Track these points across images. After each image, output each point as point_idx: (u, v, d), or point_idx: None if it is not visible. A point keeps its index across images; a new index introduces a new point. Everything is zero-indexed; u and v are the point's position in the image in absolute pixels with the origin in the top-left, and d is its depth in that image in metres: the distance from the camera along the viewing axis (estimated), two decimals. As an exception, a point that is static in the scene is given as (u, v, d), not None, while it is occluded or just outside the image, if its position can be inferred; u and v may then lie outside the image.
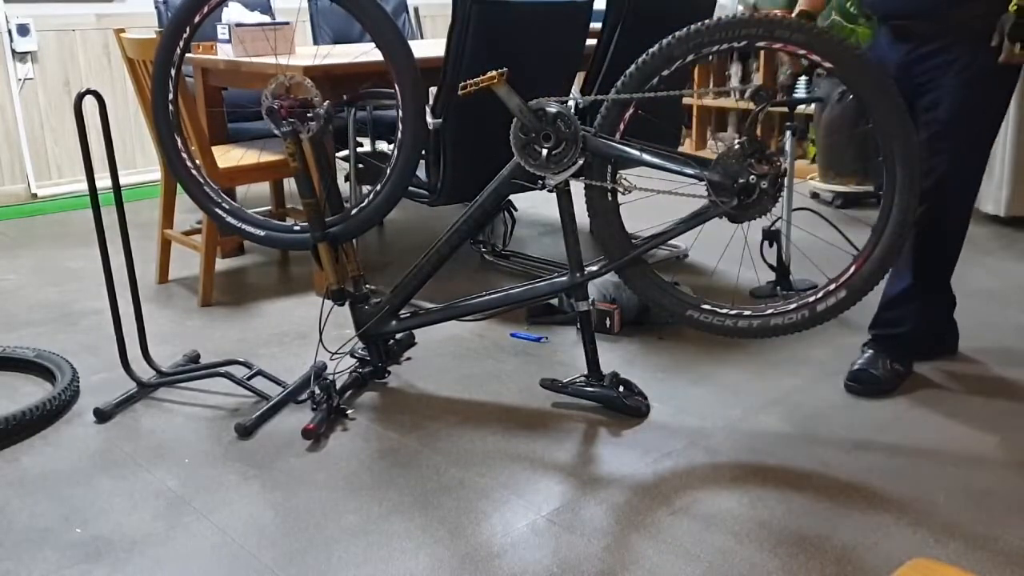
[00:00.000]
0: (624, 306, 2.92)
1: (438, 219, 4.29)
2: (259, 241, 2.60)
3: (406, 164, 2.43)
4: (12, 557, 1.85)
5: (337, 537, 1.89)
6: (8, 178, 4.76)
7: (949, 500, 1.99)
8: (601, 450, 2.24)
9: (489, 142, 2.53)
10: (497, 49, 2.85)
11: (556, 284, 2.43)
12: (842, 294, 2.14)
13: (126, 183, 4.30)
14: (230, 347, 2.87)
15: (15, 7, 4.63)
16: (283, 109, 2.40)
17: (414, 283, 2.49)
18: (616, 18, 3.18)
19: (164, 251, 3.49)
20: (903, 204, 2.06)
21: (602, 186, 2.25)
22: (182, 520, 1.96)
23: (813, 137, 5.03)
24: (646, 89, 2.15)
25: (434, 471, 2.14)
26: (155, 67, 2.55)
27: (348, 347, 2.65)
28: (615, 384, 2.42)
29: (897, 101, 2.00)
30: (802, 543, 1.84)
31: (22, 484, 2.12)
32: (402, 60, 2.36)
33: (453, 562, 1.80)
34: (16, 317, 3.19)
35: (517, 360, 2.75)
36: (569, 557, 1.81)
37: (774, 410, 2.41)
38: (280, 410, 2.44)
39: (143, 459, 2.22)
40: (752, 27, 2.02)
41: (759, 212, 2.14)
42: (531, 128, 2.26)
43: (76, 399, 2.52)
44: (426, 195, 3.11)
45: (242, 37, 3.30)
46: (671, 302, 2.28)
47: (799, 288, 3.14)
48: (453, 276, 3.37)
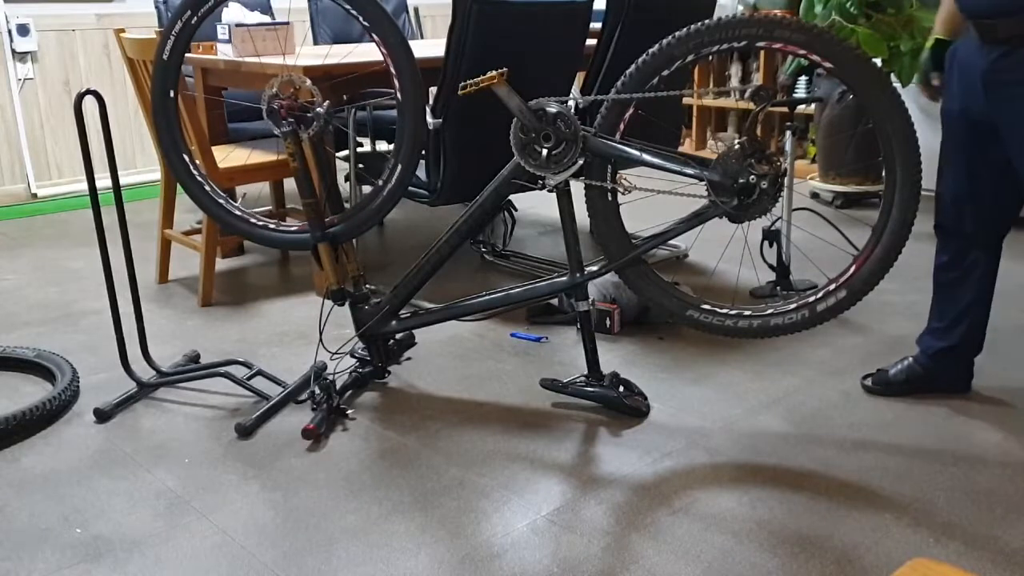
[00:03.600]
0: (624, 306, 2.92)
1: (438, 219, 4.29)
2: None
3: (406, 164, 2.43)
4: (12, 557, 1.85)
5: (337, 537, 1.89)
6: (8, 178, 4.77)
7: (949, 500, 1.98)
8: (601, 450, 2.24)
9: (489, 142, 2.53)
10: (497, 49, 2.85)
11: (556, 284, 2.43)
12: (842, 294, 2.14)
13: (126, 183, 4.31)
14: (230, 347, 2.87)
15: (15, 7, 4.63)
16: (283, 109, 2.40)
17: (414, 283, 2.49)
18: (616, 18, 3.18)
19: (164, 251, 3.50)
20: (903, 203, 2.05)
21: (602, 186, 2.25)
22: (182, 520, 1.96)
23: (813, 137, 5.03)
24: (646, 89, 2.15)
25: (434, 471, 2.14)
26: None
27: (348, 347, 2.65)
28: (615, 384, 2.42)
29: (897, 100, 2.00)
30: (802, 543, 1.84)
31: (22, 484, 2.12)
32: (402, 60, 2.36)
33: (453, 562, 1.80)
34: (16, 317, 3.19)
35: (517, 360, 2.75)
36: (569, 557, 1.81)
37: (774, 410, 2.41)
38: (280, 410, 2.44)
39: (143, 459, 2.22)
40: (752, 27, 2.02)
41: (759, 212, 2.14)
42: (531, 128, 2.26)
43: (76, 399, 2.52)
44: (426, 195, 3.11)
45: (242, 37, 3.31)
46: (671, 302, 2.28)
47: (799, 288, 3.14)
48: (453, 276, 3.37)
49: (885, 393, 2.47)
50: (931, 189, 2.29)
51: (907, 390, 2.45)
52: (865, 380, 2.52)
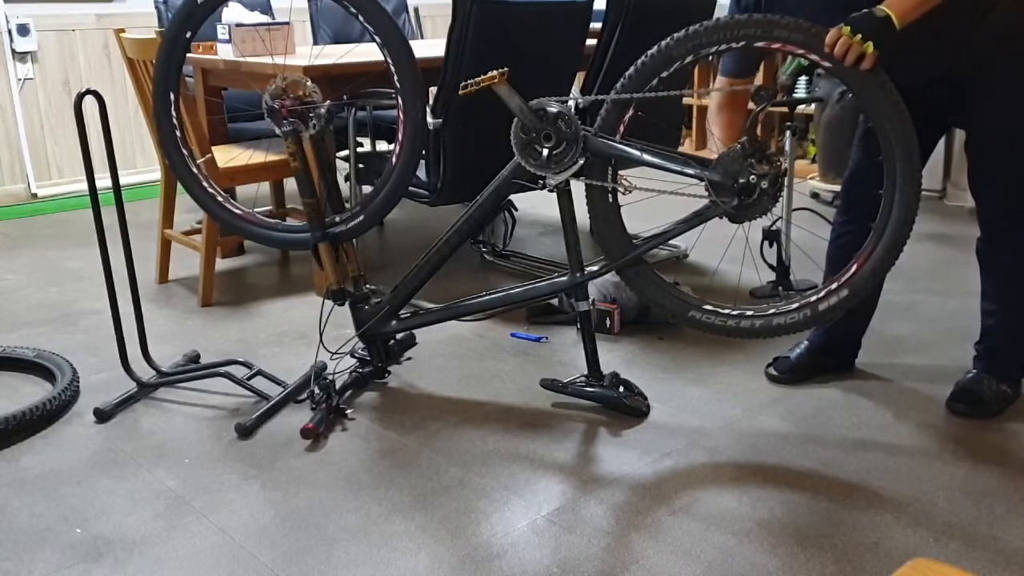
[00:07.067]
0: (624, 306, 2.92)
1: (438, 219, 4.29)
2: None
3: (406, 164, 2.43)
4: (12, 557, 1.85)
5: (337, 537, 1.89)
6: (8, 178, 4.77)
7: (949, 500, 1.98)
8: (601, 450, 2.24)
9: (489, 142, 2.53)
10: (497, 49, 2.85)
11: (556, 284, 2.43)
12: (843, 293, 2.14)
13: (126, 183, 4.30)
14: (230, 347, 2.87)
15: (15, 7, 4.63)
16: (284, 109, 2.40)
17: (414, 283, 2.49)
18: (616, 18, 3.18)
19: (164, 251, 3.49)
20: (904, 202, 2.05)
21: (602, 186, 2.25)
22: (182, 520, 1.96)
23: (813, 137, 5.03)
24: (646, 89, 2.15)
25: (434, 471, 2.14)
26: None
27: (348, 347, 2.65)
28: (615, 384, 2.42)
29: (896, 100, 2.00)
30: (802, 543, 1.84)
31: (22, 484, 2.11)
32: (402, 60, 2.36)
33: (453, 562, 1.80)
34: (16, 317, 3.19)
35: (517, 360, 2.75)
36: (569, 557, 1.81)
37: (774, 410, 2.41)
38: (280, 410, 2.44)
39: (143, 459, 2.22)
40: (751, 27, 2.02)
41: (759, 212, 2.14)
42: (532, 128, 2.26)
43: (76, 399, 2.52)
44: (426, 195, 3.11)
45: (242, 37, 3.31)
46: (672, 302, 2.28)
47: (800, 288, 3.14)
48: (453, 276, 3.37)
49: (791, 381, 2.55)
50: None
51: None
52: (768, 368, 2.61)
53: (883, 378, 2.58)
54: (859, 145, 2.42)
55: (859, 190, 2.40)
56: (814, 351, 2.59)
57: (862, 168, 2.40)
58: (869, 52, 1.94)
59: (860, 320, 2.56)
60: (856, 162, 2.43)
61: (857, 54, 1.95)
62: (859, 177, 2.41)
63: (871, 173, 2.23)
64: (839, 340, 2.59)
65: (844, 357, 2.62)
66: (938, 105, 2.22)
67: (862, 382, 2.56)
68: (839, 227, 2.50)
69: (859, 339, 2.61)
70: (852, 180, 2.45)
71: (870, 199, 2.19)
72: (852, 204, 2.45)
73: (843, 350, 2.61)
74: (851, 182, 2.46)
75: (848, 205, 2.48)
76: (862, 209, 2.34)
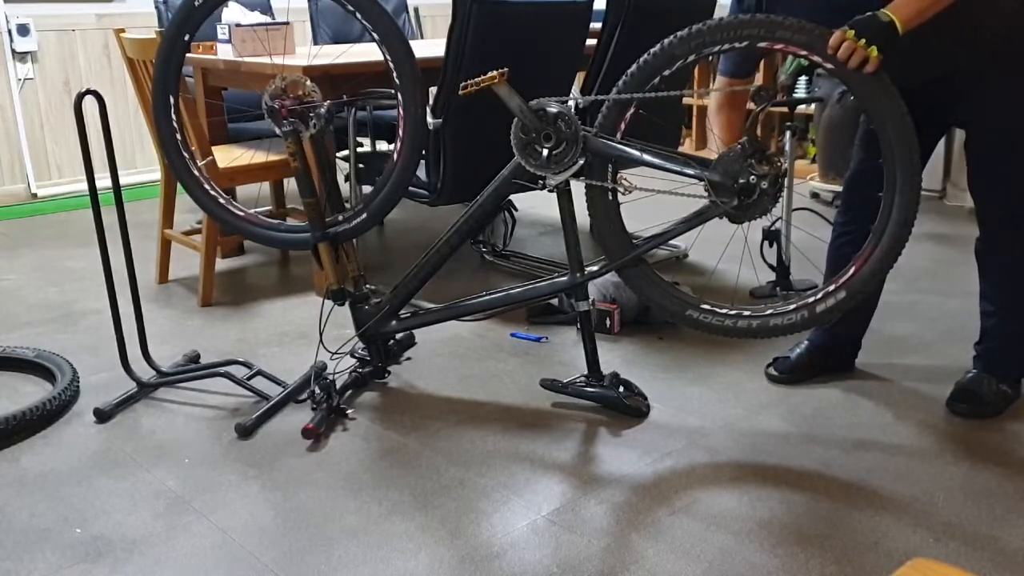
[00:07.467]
0: (624, 306, 2.92)
1: (438, 219, 4.29)
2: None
3: (406, 164, 2.43)
4: (12, 557, 1.85)
5: (337, 537, 1.89)
6: (8, 178, 4.76)
7: (949, 500, 1.98)
8: (601, 450, 2.24)
9: (489, 142, 2.53)
10: (497, 49, 2.85)
11: (556, 284, 2.43)
12: (842, 295, 2.14)
13: (126, 183, 4.30)
14: (230, 347, 2.87)
15: (15, 7, 4.63)
16: (284, 109, 2.40)
17: (414, 283, 2.49)
18: (616, 18, 3.18)
19: (164, 251, 3.49)
20: (903, 204, 2.05)
21: (602, 186, 2.25)
22: (182, 520, 1.96)
23: (813, 137, 5.03)
24: (647, 89, 2.15)
25: (434, 471, 2.14)
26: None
27: (348, 347, 2.65)
28: (615, 384, 2.42)
29: (898, 103, 2.00)
30: (802, 543, 1.84)
31: (22, 484, 2.11)
32: (402, 59, 2.36)
33: (453, 562, 1.80)
34: (16, 317, 3.19)
35: (517, 360, 2.75)
36: (569, 557, 1.81)
37: (774, 410, 2.41)
38: (280, 410, 2.44)
39: (143, 459, 2.22)
40: (753, 27, 2.02)
41: (759, 212, 2.14)
42: (532, 128, 2.26)
43: (76, 399, 2.52)
44: (426, 195, 3.11)
45: (242, 37, 3.31)
46: (671, 302, 2.28)
47: (799, 288, 3.14)
48: (453, 276, 3.37)
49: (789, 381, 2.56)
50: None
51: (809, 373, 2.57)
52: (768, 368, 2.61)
53: (883, 378, 2.58)
54: (860, 146, 2.42)
55: (860, 191, 2.40)
56: (814, 351, 2.59)
57: (863, 169, 2.40)
58: (873, 56, 1.94)
59: (860, 320, 2.56)
60: (857, 163, 2.43)
61: (861, 58, 1.95)
62: (860, 178, 2.41)
63: (872, 174, 2.23)
64: (839, 340, 2.59)
65: (844, 357, 2.62)
66: (938, 105, 2.23)
67: (862, 382, 2.56)
68: (839, 228, 2.50)
69: (859, 339, 2.61)
70: (853, 181, 2.45)
71: (871, 201, 2.19)
72: (853, 205, 2.45)
73: (843, 350, 2.61)
74: (852, 183, 2.46)
75: (849, 206, 2.48)
76: (863, 210, 2.34)
